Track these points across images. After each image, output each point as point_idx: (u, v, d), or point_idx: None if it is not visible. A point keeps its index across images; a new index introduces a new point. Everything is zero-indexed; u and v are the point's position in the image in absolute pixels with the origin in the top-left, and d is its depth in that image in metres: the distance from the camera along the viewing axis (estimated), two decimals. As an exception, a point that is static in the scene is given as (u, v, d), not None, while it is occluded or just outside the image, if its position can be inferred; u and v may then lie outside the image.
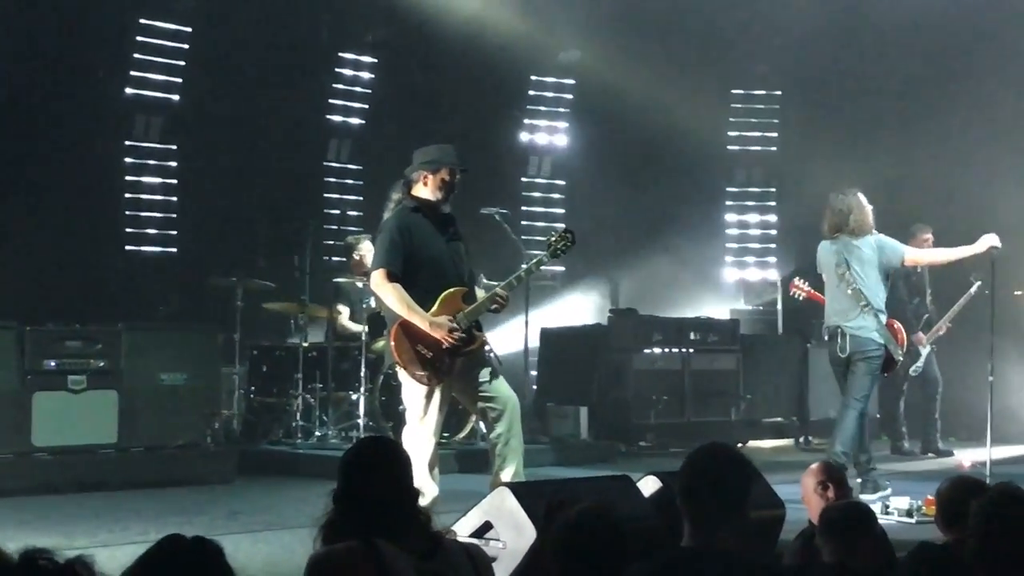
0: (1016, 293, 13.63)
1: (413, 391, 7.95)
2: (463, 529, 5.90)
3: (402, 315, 7.89)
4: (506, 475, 7.84)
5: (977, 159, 15.71)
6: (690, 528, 4.22)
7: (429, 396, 7.90)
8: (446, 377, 7.96)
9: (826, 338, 10.60)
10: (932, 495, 7.10)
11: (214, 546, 3.23)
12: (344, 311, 12.82)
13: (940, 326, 13.52)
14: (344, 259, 13.01)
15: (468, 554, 4.11)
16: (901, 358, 10.57)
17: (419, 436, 7.86)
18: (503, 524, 5.84)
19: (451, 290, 8.02)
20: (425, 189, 8.15)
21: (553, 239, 8.45)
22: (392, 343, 7.94)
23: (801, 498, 6.21)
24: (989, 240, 10.37)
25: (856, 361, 10.30)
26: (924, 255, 10.63)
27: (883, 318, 10.29)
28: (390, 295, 7.94)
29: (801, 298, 11.41)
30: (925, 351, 13.49)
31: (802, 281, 11.36)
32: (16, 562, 2.76)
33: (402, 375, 8.01)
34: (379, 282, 7.99)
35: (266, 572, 7.05)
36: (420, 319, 7.87)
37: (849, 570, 4.77)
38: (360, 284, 12.21)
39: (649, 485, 6.55)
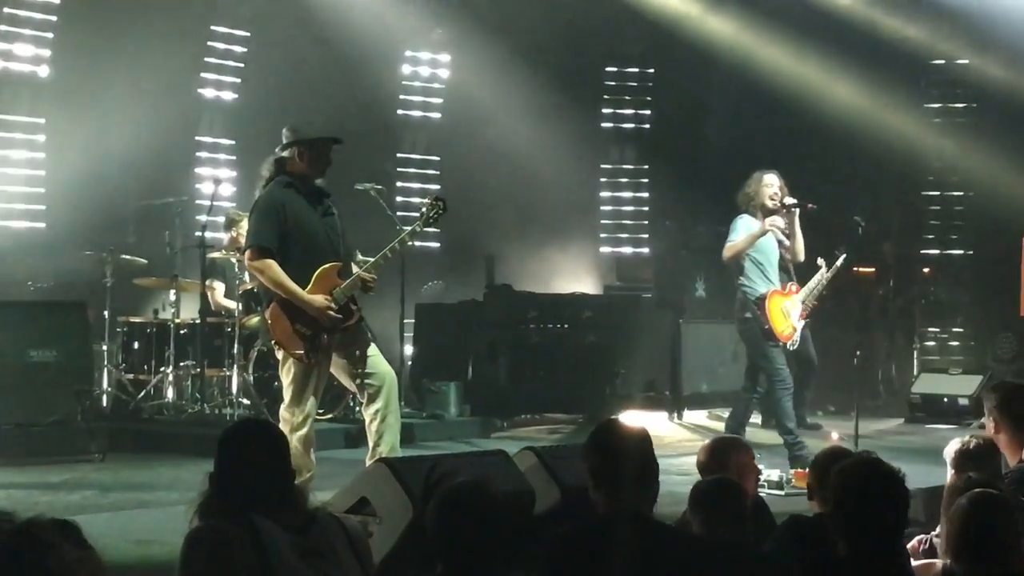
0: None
1: (291, 368, 7.91)
2: (340, 505, 5.90)
3: (278, 294, 7.85)
4: (383, 451, 7.84)
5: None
6: (605, 504, 4.32)
7: (307, 373, 7.87)
8: (324, 354, 7.93)
9: None
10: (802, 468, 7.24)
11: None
12: (219, 287, 12.71)
13: (807, 303, 13.65)
14: (218, 235, 12.87)
15: (344, 528, 4.12)
16: (769, 327, 10.69)
17: (297, 413, 7.84)
18: (380, 500, 5.85)
19: (326, 266, 7.97)
20: (300, 164, 8.08)
21: (425, 208, 8.45)
22: (270, 321, 7.89)
23: (698, 471, 6.25)
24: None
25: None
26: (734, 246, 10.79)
27: (750, 292, 10.52)
28: (265, 274, 7.89)
29: None
30: (799, 326, 13.65)
31: None
32: None
33: (280, 353, 7.97)
34: (253, 259, 7.94)
35: (138, 550, 6.97)
36: (295, 298, 7.83)
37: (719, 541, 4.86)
38: (235, 260, 12.12)
39: (525, 460, 6.60)
